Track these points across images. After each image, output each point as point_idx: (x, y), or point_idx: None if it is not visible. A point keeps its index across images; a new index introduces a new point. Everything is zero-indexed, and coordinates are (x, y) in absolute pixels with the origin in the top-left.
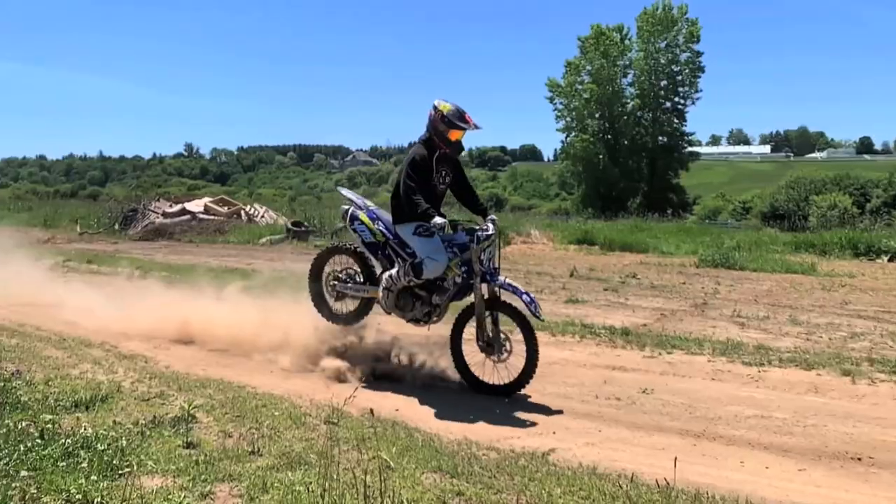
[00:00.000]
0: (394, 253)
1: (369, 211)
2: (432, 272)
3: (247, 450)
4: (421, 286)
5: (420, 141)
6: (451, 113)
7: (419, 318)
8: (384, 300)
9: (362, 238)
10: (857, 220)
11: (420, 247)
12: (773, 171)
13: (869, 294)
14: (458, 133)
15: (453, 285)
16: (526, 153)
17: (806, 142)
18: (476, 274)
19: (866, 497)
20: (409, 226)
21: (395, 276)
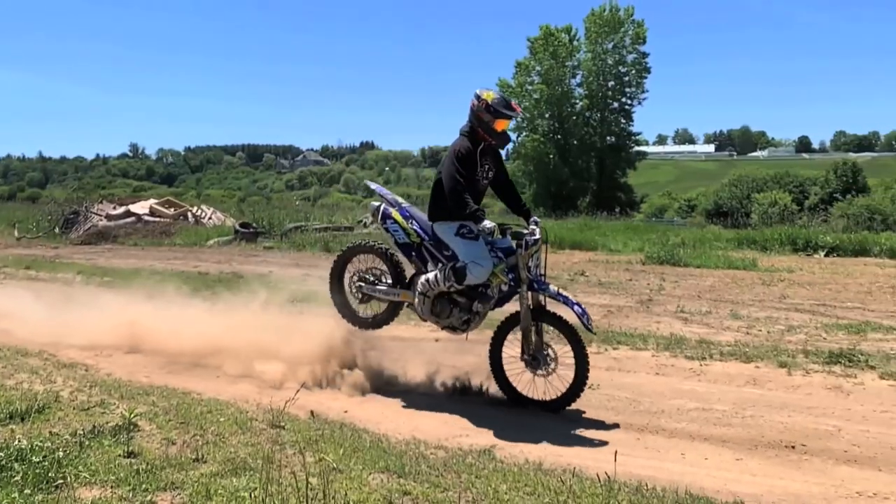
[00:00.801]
0: (429, 255)
1: (402, 209)
2: (476, 278)
3: (190, 457)
4: (460, 292)
5: (462, 133)
6: (496, 101)
7: (456, 325)
8: (420, 306)
9: (395, 238)
10: (796, 217)
11: (463, 250)
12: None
13: (806, 288)
14: (505, 123)
15: (498, 293)
16: None
17: (748, 141)
18: (523, 281)
19: (798, 483)
20: (450, 226)
21: (432, 281)
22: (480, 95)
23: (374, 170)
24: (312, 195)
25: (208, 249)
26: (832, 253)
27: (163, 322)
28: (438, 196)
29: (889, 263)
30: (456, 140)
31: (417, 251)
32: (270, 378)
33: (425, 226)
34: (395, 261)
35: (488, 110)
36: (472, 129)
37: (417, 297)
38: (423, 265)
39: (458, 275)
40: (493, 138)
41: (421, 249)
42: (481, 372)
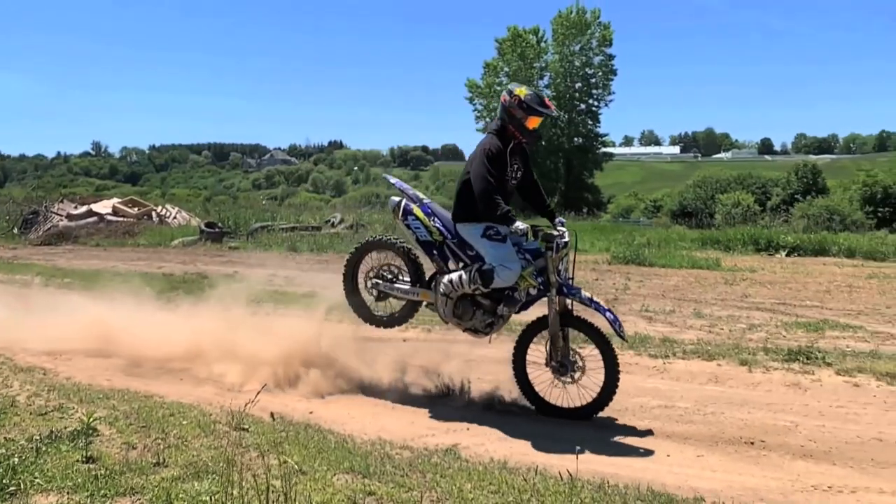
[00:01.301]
0: (451, 254)
1: (423, 205)
2: (504, 281)
3: (151, 461)
4: (484, 294)
5: (492, 131)
6: (529, 98)
7: (479, 328)
8: (442, 307)
9: (417, 235)
10: (758, 218)
11: (491, 252)
12: (682, 171)
13: (767, 287)
14: (537, 120)
15: (526, 296)
16: (448, 153)
17: (712, 143)
18: (552, 285)
19: (756, 478)
20: (476, 226)
21: (455, 282)
22: (513, 91)
23: (342, 169)
24: (280, 194)
25: (173, 250)
26: (793, 253)
27: (126, 325)
28: (466, 196)
29: (847, 263)
30: (485, 138)
31: (439, 250)
32: (234, 380)
33: (448, 224)
34: (414, 258)
35: (521, 107)
36: (503, 126)
37: (439, 297)
38: (444, 264)
39: (484, 278)
40: (524, 136)
41: (443, 248)
42: (450, 371)
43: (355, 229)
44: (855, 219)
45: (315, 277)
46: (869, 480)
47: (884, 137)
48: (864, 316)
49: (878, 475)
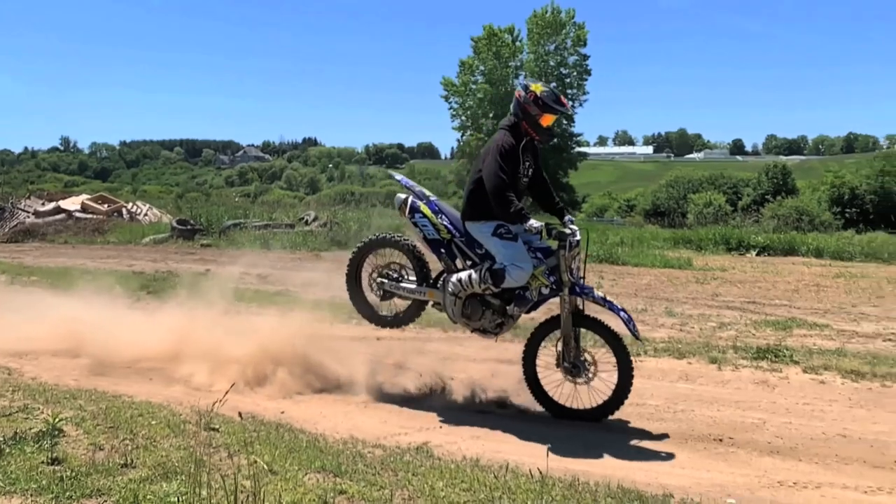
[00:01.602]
0: (460, 253)
1: (430, 202)
2: (515, 281)
3: (118, 462)
4: (494, 294)
5: (505, 127)
6: (545, 95)
7: (488, 329)
8: (451, 307)
9: (424, 233)
10: (729, 217)
11: (502, 251)
12: (656, 171)
13: (737, 286)
14: (552, 118)
15: (538, 296)
16: (423, 151)
17: (685, 143)
18: (565, 284)
19: (724, 475)
20: (486, 225)
21: (465, 281)
22: (529, 87)
23: (316, 167)
24: (253, 192)
25: (143, 247)
26: (763, 252)
27: (94, 324)
28: (477, 194)
29: (815, 262)
30: (498, 134)
31: (447, 248)
32: (204, 380)
33: (456, 221)
34: (419, 257)
35: (537, 103)
36: (516, 123)
37: (448, 297)
38: (452, 263)
39: (495, 277)
40: (537, 134)
41: (451, 246)
42: (424, 370)
43: (329, 227)
44: (823, 219)
45: (288, 276)
46: (833, 476)
47: (851, 139)
48: (831, 314)
49: (841, 471)
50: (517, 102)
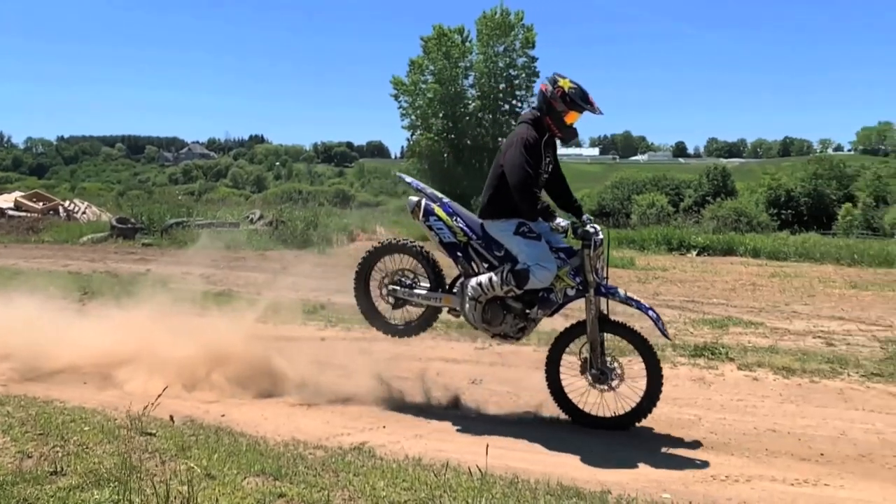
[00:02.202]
0: (477, 256)
1: (444, 204)
2: (540, 282)
3: (48, 470)
4: (515, 297)
5: (527, 120)
6: (573, 91)
7: (510, 333)
8: (471, 312)
9: (440, 237)
10: (671, 218)
11: (525, 250)
12: (601, 172)
13: (677, 285)
14: (576, 116)
15: (563, 298)
16: (373, 149)
17: (630, 145)
18: (591, 285)
19: (661, 470)
20: (507, 223)
21: (485, 285)
22: (557, 81)
23: (263, 164)
24: (198, 190)
25: (81, 247)
26: (703, 252)
27: (25, 327)
28: (498, 191)
29: (752, 262)
30: (520, 128)
31: (464, 251)
32: (142, 383)
33: (472, 223)
34: (433, 261)
35: (563, 99)
36: (539, 117)
37: (468, 302)
38: (470, 267)
39: (519, 278)
40: (560, 131)
41: (468, 249)
42: (369, 370)
43: (275, 226)
44: (760, 220)
45: (232, 275)
46: (763, 469)
47: (787, 143)
48: (765, 313)
49: (771, 464)
50: (542, 96)
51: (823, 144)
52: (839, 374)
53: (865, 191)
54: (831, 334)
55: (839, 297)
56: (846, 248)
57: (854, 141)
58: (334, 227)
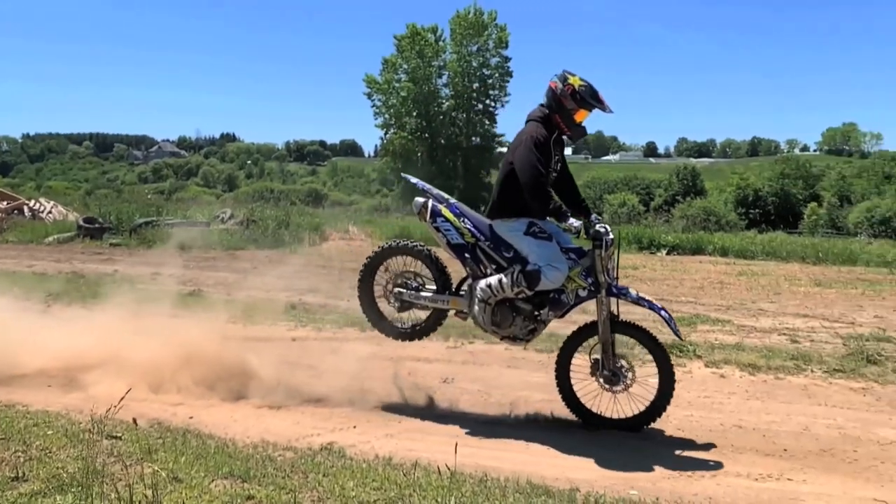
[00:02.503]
0: (485, 257)
1: (451, 205)
2: (552, 283)
3: (9, 476)
4: (525, 298)
5: (536, 118)
6: (583, 89)
7: (520, 336)
8: (481, 315)
9: (447, 238)
10: (642, 217)
11: (536, 251)
12: (574, 171)
13: (647, 284)
14: (586, 114)
15: (574, 299)
16: (346, 148)
17: (602, 145)
18: (602, 286)
19: (630, 467)
20: (517, 222)
21: (495, 286)
22: (567, 79)
23: (234, 163)
24: (168, 188)
25: (47, 247)
26: (673, 251)
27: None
28: (508, 190)
29: (720, 261)
30: (529, 126)
31: (472, 253)
32: (109, 385)
33: (479, 224)
34: (439, 263)
35: (574, 97)
36: (549, 115)
37: (477, 304)
38: (478, 268)
39: (529, 279)
40: (569, 129)
41: (475, 251)
42: (340, 370)
43: (246, 225)
44: (729, 219)
45: (202, 275)
46: (728, 465)
47: (755, 143)
48: (733, 310)
49: (736, 460)
50: (552, 94)
51: (790, 145)
52: (803, 371)
53: (830, 190)
54: (796, 331)
55: (804, 295)
56: (811, 247)
57: (820, 141)
58: (306, 227)
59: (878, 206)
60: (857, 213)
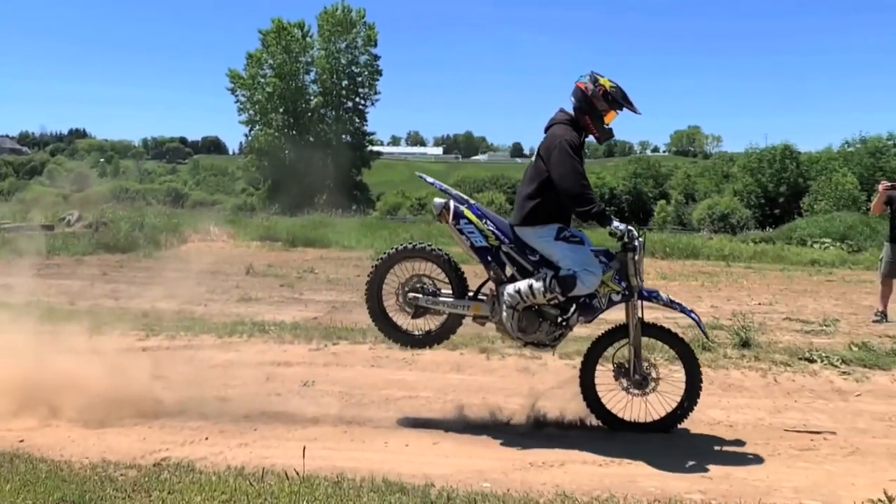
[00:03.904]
0: (509, 261)
1: (473, 206)
2: (588, 288)
3: None
4: (552, 304)
5: (564, 121)
6: (614, 90)
7: (545, 341)
8: (509, 321)
9: (471, 241)
10: (508, 216)
11: (570, 255)
12: (445, 171)
13: None
14: (614, 115)
15: (607, 303)
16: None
17: (472, 145)
18: (634, 289)
19: (484, 460)
20: (546, 228)
21: (525, 292)
22: (598, 80)
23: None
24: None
25: None
26: None
27: None
28: (543, 197)
29: None
30: (559, 129)
31: (495, 256)
32: None
33: (501, 226)
34: (457, 267)
35: (606, 98)
36: (576, 117)
37: (505, 310)
38: (502, 272)
39: (564, 285)
40: (597, 130)
41: (499, 254)
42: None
43: (95, 228)
44: None
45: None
46: (575, 453)
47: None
48: None
49: (584, 448)
50: (583, 95)
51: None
52: None
53: (677, 189)
54: None
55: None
56: (660, 243)
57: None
58: (163, 228)
59: (718, 204)
60: (700, 209)
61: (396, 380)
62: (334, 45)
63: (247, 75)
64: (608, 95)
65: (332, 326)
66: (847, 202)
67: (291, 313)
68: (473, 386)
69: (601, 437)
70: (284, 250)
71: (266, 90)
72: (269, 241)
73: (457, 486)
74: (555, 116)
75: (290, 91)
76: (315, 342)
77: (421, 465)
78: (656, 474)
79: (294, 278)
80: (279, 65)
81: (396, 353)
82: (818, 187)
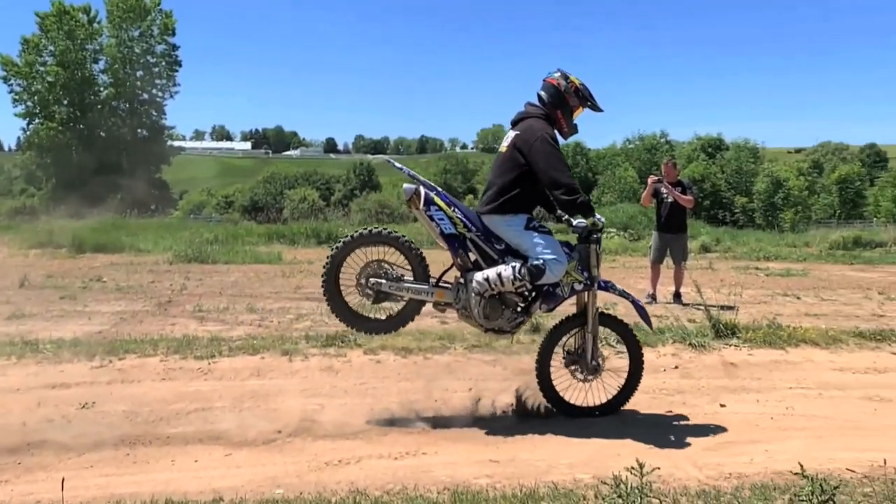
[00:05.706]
0: (475, 248)
1: (441, 194)
2: (555, 276)
3: None
4: (515, 291)
5: (539, 116)
6: (584, 88)
7: (506, 328)
8: (477, 307)
9: (441, 228)
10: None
11: (540, 244)
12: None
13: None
14: (581, 111)
15: (569, 292)
16: None
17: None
18: (595, 280)
19: (278, 466)
20: (515, 219)
21: (493, 280)
22: (568, 77)
23: None
24: None
25: None
26: None
27: None
28: (517, 188)
29: None
30: (536, 123)
31: (461, 243)
32: None
33: (469, 214)
34: (420, 254)
35: (577, 94)
36: (549, 111)
37: (473, 297)
38: (467, 259)
39: (534, 273)
40: (567, 126)
41: (466, 241)
42: None
43: None
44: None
45: None
46: (372, 448)
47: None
48: None
49: (380, 442)
50: (556, 91)
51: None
52: (447, 349)
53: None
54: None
55: None
56: None
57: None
58: None
59: None
60: None
61: (190, 392)
62: (126, 32)
63: (22, 63)
64: (579, 92)
65: (118, 340)
66: (628, 194)
67: (72, 328)
68: (273, 390)
69: (397, 430)
70: (69, 258)
71: (46, 80)
72: (51, 248)
73: (247, 496)
74: (527, 110)
75: (76, 81)
76: (98, 359)
77: (210, 480)
78: (448, 463)
79: (77, 289)
80: (62, 52)
81: (191, 363)
82: (605, 181)
